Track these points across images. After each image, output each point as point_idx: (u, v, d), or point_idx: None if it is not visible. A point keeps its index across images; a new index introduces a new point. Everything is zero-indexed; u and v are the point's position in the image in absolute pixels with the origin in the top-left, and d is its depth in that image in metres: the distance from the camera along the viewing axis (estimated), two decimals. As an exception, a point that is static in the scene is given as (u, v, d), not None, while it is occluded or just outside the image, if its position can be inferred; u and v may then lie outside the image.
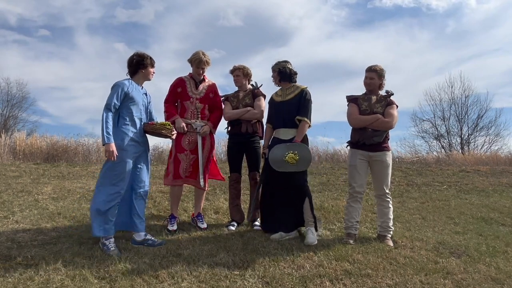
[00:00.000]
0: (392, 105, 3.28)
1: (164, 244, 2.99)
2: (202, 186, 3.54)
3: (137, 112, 2.97)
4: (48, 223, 3.58)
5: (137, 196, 3.00)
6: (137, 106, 2.96)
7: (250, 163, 3.76)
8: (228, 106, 3.68)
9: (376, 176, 3.34)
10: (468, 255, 3.02)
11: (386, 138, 3.30)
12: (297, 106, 3.28)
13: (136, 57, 3.00)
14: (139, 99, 2.98)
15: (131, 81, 2.99)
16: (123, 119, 2.90)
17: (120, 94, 2.85)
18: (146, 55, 3.03)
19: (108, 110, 2.81)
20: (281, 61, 3.42)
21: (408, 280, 2.45)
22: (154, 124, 3.03)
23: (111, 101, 2.82)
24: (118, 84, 2.89)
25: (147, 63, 3.01)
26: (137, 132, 2.95)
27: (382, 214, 3.35)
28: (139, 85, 3.04)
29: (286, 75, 3.37)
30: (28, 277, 2.33)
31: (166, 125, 3.05)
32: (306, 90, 3.35)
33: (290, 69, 3.38)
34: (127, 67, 3.03)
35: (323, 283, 2.36)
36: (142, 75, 3.03)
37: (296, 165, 3.15)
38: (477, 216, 4.55)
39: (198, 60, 3.47)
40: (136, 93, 2.96)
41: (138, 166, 3.00)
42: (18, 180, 5.67)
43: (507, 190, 6.41)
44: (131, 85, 2.94)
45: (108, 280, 2.31)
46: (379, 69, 3.31)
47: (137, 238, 2.98)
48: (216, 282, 2.33)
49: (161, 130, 3.01)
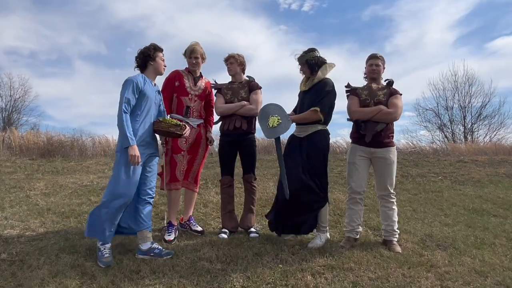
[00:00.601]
0: (396, 94, 3.01)
1: (172, 255, 2.68)
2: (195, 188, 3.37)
3: (149, 110, 2.73)
4: (37, 219, 3.59)
5: (144, 201, 2.75)
6: (149, 104, 2.72)
7: (244, 164, 3.40)
8: (221, 100, 3.31)
9: (379, 175, 3.07)
10: (455, 248, 3.01)
11: (390, 133, 3.04)
12: (314, 97, 2.99)
13: (142, 51, 2.79)
14: (152, 96, 2.74)
15: (144, 76, 2.75)
16: (135, 116, 2.66)
17: (134, 89, 2.61)
18: (150, 45, 2.79)
19: (126, 110, 2.57)
20: (307, 51, 3.09)
21: (390, 274, 2.44)
22: (160, 121, 2.76)
23: (127, 98, 2.57)
24: (131, 79, 2.64)
25: (155, 53, 2.77)
26: (148, 132, 2.72)
27: (386, 216, 3.07)
28: (151, 81, 2.79)
29: (315, 66, 3.04)
30: (11, 273, 2.34)
31: (174, 122, 2.77)
32: (326, 80, 3.02)
33: (318, 58, 3.05)
34: (136, 63, 2.81)
35: (304, 277, 2.35)
36: (152, 69, 2.79)
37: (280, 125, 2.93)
38: (469, 207, 4.53)
39: (191, 50, 3.21)
40: (149, 89, 2.72)
41: (147, 169, 2.74)
42: (12, 176, 5.69)
43: (503, 180, 6.38)
44: (144, 81, 2.70)
45: (90, 276, 2.32)
46: (382, 57, 3.10)
47: (143, 247, 2.68)
48: (197, 277, 2.34)
49: (170, 128, 2.74)
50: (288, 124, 2.93)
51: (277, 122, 2.94)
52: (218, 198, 4.15)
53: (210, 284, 2.24)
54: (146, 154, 2.70)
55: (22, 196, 4.41)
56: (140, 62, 2.80)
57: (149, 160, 2.75)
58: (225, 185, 3.40)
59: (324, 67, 3.05)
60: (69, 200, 4.33)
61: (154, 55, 2.77)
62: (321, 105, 2.94)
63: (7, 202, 4.14)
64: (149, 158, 2.74)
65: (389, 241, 3.01)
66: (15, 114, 21.11)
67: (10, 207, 3.95)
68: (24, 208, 3.93)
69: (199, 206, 4.23)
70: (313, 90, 3.02)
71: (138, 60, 2.80)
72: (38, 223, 3.47)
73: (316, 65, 3.04)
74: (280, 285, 2.25)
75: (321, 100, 2.95)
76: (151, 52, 2.77)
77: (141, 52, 2.80)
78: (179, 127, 2.76)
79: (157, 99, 2.83)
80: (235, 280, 2.30)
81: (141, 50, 2.81)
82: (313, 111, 2.93)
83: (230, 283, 2.25)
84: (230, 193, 3.41)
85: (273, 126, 2.95)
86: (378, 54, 3.12)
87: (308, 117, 2.97)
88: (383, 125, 2.96)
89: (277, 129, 2.95)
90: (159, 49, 2.82)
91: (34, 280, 2.24)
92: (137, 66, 2.82)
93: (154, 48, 2.80)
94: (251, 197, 3.42)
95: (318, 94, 2.98)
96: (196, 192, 3.46)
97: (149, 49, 2.78)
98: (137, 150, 2.55)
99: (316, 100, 2.96)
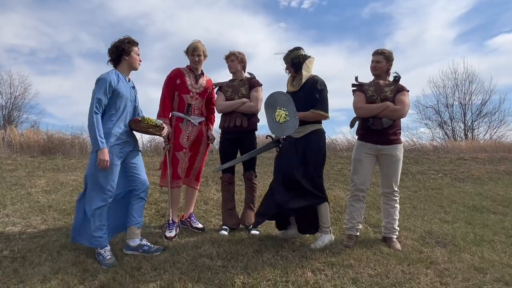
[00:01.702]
0: (403, 91, 2.95)
1: (161, 250, 2.70)
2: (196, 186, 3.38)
3: (124, 108, 2.63)
4: (38, 216, 3.61)
5: (137, 198, 2.70)
6: (124, 102, 2.62)
7: (245, 162, 3.40)
8: (222, 97, 3.32)
9: (384, 172, 3.03)
10: (454, 244, 3.02)
11: (397, 130, 3.01)
12: (308, 97, 2.93)
13: (115, 44, 2.63)
14: (127, 94, 2.63)
15: (117, 72, 2.62)
16: (109, 116, 2.57)
17: (107, 89, 2.50)
18: (124, 38, 2.64)
19: (97, 111, 2.47)
20: (292, 49, 3.05)
21: (390, 270, 2.46)
22: (139, 121, 2.70)
23: (98, 99, 2.48)
24: (104, 78, 2.51)
25: (129, 47, 2.62)
26: (124, 130, 2.64)
27: (387, 214, 3.06)
28: (125, 77, 2.67)
29: (299, 64, 3.00)
30: (13, 270, 2.36)
31: (153, 123, 2.71)
32: (315, 78, 2.98)
33: (303, 56, 3.01)
34: (109, 57, 2.67)
35: (305, 274, 2.37)
36: (126, 64, 2.66)
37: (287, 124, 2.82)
38: (468, 204, 4.55)
39: (193, 47, 3.19)
40: (123, 87, 2.60)
41: (132, 165, 2.68)
42: (13, 173, 5.70)
43: (503, 177, 6.39)
44: (117, 78, 2.58)
45: (91, 273, 2.34)
46: (388, 52, 3.02)
47: (131, 243, 2.67)
48: (197, 273, 2.35)
49: (148, 129, 2.72)
50: (296, 123, 2.81)
51: (284, 118, 2.83)
52: (219, 195, 4.17)
53: (210, 280, 2.25)
54: (125, 152, 2.64)
55: (23, 194, 4.43)
56: (113, 56, 2.64)
57: (130, 156, 2.69)
58: (226, 182, 3.41)
59: (305, 64, 2.99)
60: (70, 197, 4.35)
61: (128, 50, 2.63)
62: (323, 106, 2.92)
63: (9, 199, 4.16)
64: (129, 155, 2.69)
65: (389, 238, 3.01)
66: (15, 111, 21.11)
67: (12, 205, 3.96)
68: (25, 206, 3.94)
69: (200, 203, 4.24)
70: (304, 90, 2.96)
71: (111, 54, 2.64)
72: (40, 220, 3.48)
73: (300, 64, 3.00)
74: (280, 281, 2.27)
75: (319, 101, 2.91)
76: (126, 46, 2.62)
77: (114, 45, 2.63)
78: (158, 128, 2.73)
79: (132, 96, 2.73)
80: (236, 277, 2.31)
81: (115, 43, 2.64)
82: (317, 114, 2.91)
83: (230, 279, 2.27)
84: (230, 190, 3.42)
85: (279, 121, 2.84)
86: (380, 50, 3.04)
87: (311, 117, 2.93)
88: (389, 121, 2.93)
89: (283, 127, 2.84)
90: (134, 43, 2.68)
91: (36, 276, 2.25)
92: (110, 60, 2.67)
93: (128, 42, 2.65)
94: (251, 195, 3.43)
95: (312, 94, 2.92)
96: (197, 190, 3.47)
97: (123, 43, 2.62)
98: (106, 155, 2.46)
99: (312, 101, 2.90)
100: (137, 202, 2.70)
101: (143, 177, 2.74)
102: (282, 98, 2.89)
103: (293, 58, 3.01)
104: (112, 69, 2.66)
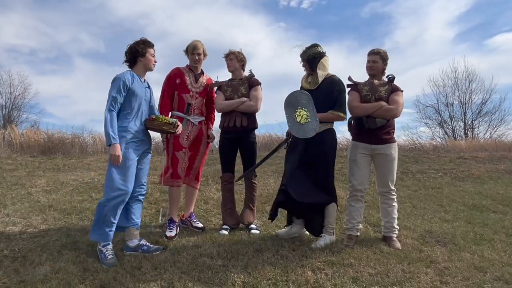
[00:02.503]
0: (397, 91, 2.99)
1: (161, 250, 2.73)
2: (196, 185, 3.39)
3: (140, 107, 2.69)
4: (39, 216, 3.61)
5: (135, 200, 2.75)
6: (139, 101, 2.68)
7: (245, 161, 3.41)
8: (221, 96, 3.31)
9: (380, 171, 3.06)
10: (454, 244, 3.03)
11: (391, 129, 3.04)
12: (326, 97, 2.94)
13: (131, 46, 2.72)
14: (141, 93, 2.71)
15: (132, 72, 2.70)
16: (125, 114, 2.63)
17: (122, 88, 2.57)
18: (140, 40, 2.72)
19: (112, 109, 2.54)
20: (309, 46, 3.05)
21: (390, 269, 2.46)
22: (153, 119, 2.75)
23: (113, 97, 2.55)
24: (119, 77, 2.60)
25: (144, 48, 2.70)
26: (140, 129, 2.70)
27: (386, 213, 3.08)
28: (140, 77, 2.75)
29: (315, 62, 3.02)
30: (13, 270, 2.36)
31: (167, 121, 2.75)
32: (333, 78, 2.99)
33: (319, 54, 3.02)
34: (125, 58, 2.75)
35: (305, 273, 2.37)
36: (142, 65, 2.73)
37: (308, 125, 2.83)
38: (468, 203, 4.55)
39: (193, 46, 3.20)
40: (138, 86, 2.68)
41: (139, 167, 2.72)
42: (14, 173, 5.71)
43: (503, 176, 6.39)
44: (132, 78, 2.66)
45: (92, 272, 2.34)
46: (383, 52, 3.06)
47: (130, 244, 2.71)
48: (198, 273, 2.35)
49: (162, 127, 2.75)
50: (317, 125, 2.82)
51: (305, 119, 2.84)
52: (219, 195, 4.17)
53: (211, 280, 2.26)
54: (140, 151, 2.69)
55: (24, 193, 4.43)
56: (129, 57, 2.73)
57: (142, 157, 2.74)
58: (226, 182, 3.41)
59: (320, 64, 3.01)
60: (70, 197, 4.35)
61: (143, 51, 2.70)
62: (341, 108, 2.96)
63: (9, 199, 4.16)
64: (142, 155, 2.73)
65: (388, 237, 3.02)
66: (15, 111, 21.12)
67: (12, 204, 3.97)
68: (25, 205, 3.95)
69: (200, 202, 4.25)
70: (322, 90, 2.97)
71: (127, 55, 2.73)
72: (40, 220, 3.49)
73: (316, 62, 3.01)
74: (280, 280, 2.27)
75: (338, 103, 2.94)
76: (141, 48, 2.69)
77: (130, 47, 2.72)
78: (172, 125, 2.76)
79: (147, 96, 2.79)
80: (236, 276, 2.31)
81: (131, 45, 2.72)
82: (336, 116, 2.95)
83: (231, 279, 2.27)
84: (230, 189, 3.42)
85: (300, 121, 2.85)
86: (376, 50, 3.07)
87: (330, 119, 2.97)
88: (383, 121, 2.95)
89: (305, 128, 2.84)
90: (149, 45, 2.75)
91: (36, 276, 2.26)
92: (126, 61, 2.75)
93: (143, 44, 2.72)
94: (251, 194, 3.43)
95: (330, 94, 2.94)
96: (197, 189, 3.47)
97: (138, 44, 2.70)
98: (118, 149, 2.51)
99: (331, 101, 2.93)
100: (135, 204, 2.76)
101: (144, 181, 2.80)
102: (303, 98, 2.90)
103: (309, 55, 3.03)
104: (127, 70, 2.73)
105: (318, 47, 3.05)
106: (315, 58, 3.01)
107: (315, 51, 3.02)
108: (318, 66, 3.01)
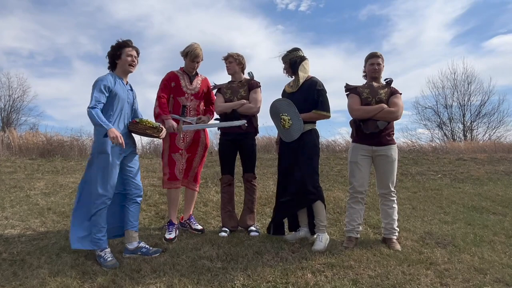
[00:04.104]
0: (396, 94, 3.03)
1: (160, 252, 2.71)
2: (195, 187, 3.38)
3: (122, 110, 2.68)
4: (37, 218, 3.60)
5: (132, 202, 2.74)
6: (121, 104, 2.67)
7: (244, 163, 3.40)
8: (221, 99, 3.32)
9: (380, 173, 3.06)
10: (454, 245, 3.02)
11: (391, 131, 3.06)
12: (306, 98, 3.01)
13: (108, 51, 2.72)
14: (124, 95, 2.69)
15: (114, 75, 2.70)
16: (107, 116, 2.60)
17: (104, 89, 2.56)
18: (116, 43, 2.70)
19: (94, 107, 2.50)
20: (291, 50, 3.14)
21: (390, 271, 2.45)
22: (137, 123, 2.73)
23: (95, 96, 2.52)
24: (101, 79, 2.60)
25: (119, 50, 2.67)
26: (123, 132, 2.66)
27: (386, 215, 3.08)
28: (122, 79, 2.74)
29: (296, 65, 3.10)
30: (12, 273, 2.35)
31: (151, 125, 2.72)
32: (313, 79, 3.07)
33: (300, 57, 3.11)
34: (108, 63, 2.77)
35: (305, 275, 2.36)
36: (120, 67, 2.72)
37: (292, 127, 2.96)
38: (468, 205, 4.55)
39: (195, 55, 3.19)
40: (120, 88, 2.67)
41: (128, 169, 2.72)
42: (12, 175, 5.70)
43: (502, 178, 6.40)
44: (114, 80, 2.66)
45: (91, 275, 2.33)
46: (382, 55, 3.11)
47: (129, 246, 2.70)
48: (197, 275, 2.34)
49: (146, 130, 2.73)
50: (300, 125, 2.95)
51: (288, 122, 2.98)
52: (218, 197, 4.16)
53: (210, 282, 2.25)
54: (122, 153, 2.67)
55: (23, 196, 4.42)
56: (109, 61, 2.75)
57: (128, 159, 2.73)
58: (225, 184, 3.40)
59: (301, 66, 3.09)
60: (69, 199, 4.34)
61: (118, 53, 2.69)
62: (324, 107, 3.02)
63: (8, 202, 4.15)
64: (127, 157, 2.73)
65: (388, 239, 3.02)
66: (14, 114, 21.09)
67: (11, 207, 3.95)
68: (24, 208, 3.93)
69: (199, 205, 4.24)
70: (303, 91, 3.04)
71: (108, 60, 2.75)
72: (39, 223, 3.47)
73: (297, 65, 3.10)
74: (280, 283, 2.26)
75: (320, 102, 3.00)
76: (115, 51, 2.69)
77: (108, 53, 2.73)
78: (155, 130, 2.73)
79: (130, 98, 2.78)
80: (236, 279, 2.31)
81: (108, 51, 2.74)
82: (319, 115, 3.02)
83: (230, 281, 2.26)
84: (230, 192, 3.42)
85: (285, 126, 2.99)
86: (378, 53, 3.11)
87: (314, 118, 3.05)
88: (384, 123, 2.96)
89: (290, 132, 2.99)
90: (124, 45, 2.71)
91: (35, 279, 2.25)
92: (108, 67, 2.77)
93: (118, 46, 2.70)
94: (251, 196, 3.42)
95: (311, 95, 3.01)
96: (197, 191, 3.46)
97: (113, 48, 2.70)
98: (116, 131, 2.49)
99: (312, 102, 2.99)
100: (132, 207, 2.75)
101: (138, 181, 2.79)
102: (282, 104, 3.05)
103: (291, 58, 3.12)
104: (109, 72, 2.75)
105: (299, 51, 3.15)
106: (296, 62, 3.10)
107: (297, 54, 3.12)
108: (299, 68, 3.09)
